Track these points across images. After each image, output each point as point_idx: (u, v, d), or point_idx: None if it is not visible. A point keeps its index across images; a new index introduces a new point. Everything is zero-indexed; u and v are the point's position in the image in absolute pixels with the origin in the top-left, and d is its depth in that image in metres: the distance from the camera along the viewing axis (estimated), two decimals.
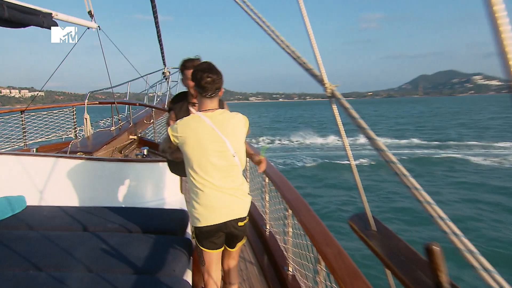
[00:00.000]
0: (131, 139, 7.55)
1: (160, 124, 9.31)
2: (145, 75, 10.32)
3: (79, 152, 5.48)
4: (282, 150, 29.86)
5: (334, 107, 1.32)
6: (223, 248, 2.63)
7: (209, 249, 2.53)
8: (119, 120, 8.13)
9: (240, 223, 2.50)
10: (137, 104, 8.98)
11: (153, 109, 8.74)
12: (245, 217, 2.52)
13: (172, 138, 2.39)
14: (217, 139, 2.34)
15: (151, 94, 10.83)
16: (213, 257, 2.57)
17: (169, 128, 2.44)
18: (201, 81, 2.34)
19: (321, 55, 1.29)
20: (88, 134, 7.29)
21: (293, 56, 1.36)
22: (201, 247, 2.53)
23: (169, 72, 10.96)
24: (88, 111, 7.34)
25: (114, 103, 8.00)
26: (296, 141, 36.54)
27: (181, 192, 4.07)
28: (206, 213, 2.39)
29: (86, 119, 7.31)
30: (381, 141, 1.15)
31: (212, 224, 2.41)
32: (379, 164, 20.98)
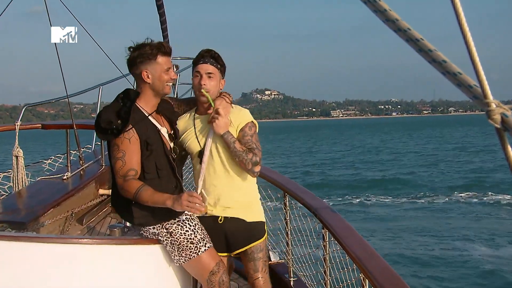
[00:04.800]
0: (102, 195, 5.19)
1: None
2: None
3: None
4: None
5: (509, 149, 0.87)
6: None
7: None
8: (81, 158, 5.35)
9: None
10: None
11: None
12: None
13: None
14: None
15: None
16: None
17: None
18: None
19: None
20: (20, 187, 5.00)
21: (418, 46, 0.99)
22: None
23: (176, 68, 7.41)
24: (22, 141, 4.95)
25: (72, 126, 5.17)
26: None
27: None
28: None
29: (16, 157, 4.87)
30: None
31: None
32: None
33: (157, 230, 2.62)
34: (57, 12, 4.67)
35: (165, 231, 2.59)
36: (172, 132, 2.70)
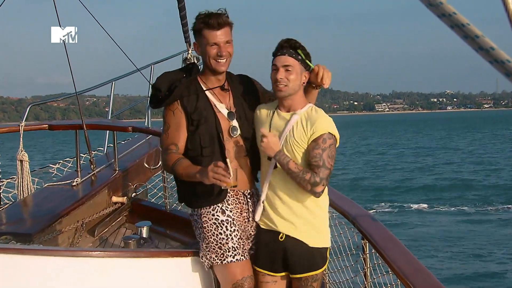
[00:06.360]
0: (115, 203, 5.09)
1: None
2: (148, 65, 6.57)
3: (3, 235, 3.81)
4: None
5: None
6: None
7: None
8: (92, 162, 5.22)
9: None
10: (130, 129, 5.57)
11: None
12: None
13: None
14: None
15: None
16: None
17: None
18: None
19: None
20: (25, 194, 4.92)
21: (464, 32, 0.98)
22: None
23: (198, 59, 7.60)
24: (27, 143, 4.96)
25: (81, 126, 5.07)
26: None
27: None
28: None
29: (21, 162, 4.82)
30: None
31: None
32: None
33: (196, 217, 2.66)
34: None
35: (201, 222, 2.61)
36: (235, 110, 2.61)
